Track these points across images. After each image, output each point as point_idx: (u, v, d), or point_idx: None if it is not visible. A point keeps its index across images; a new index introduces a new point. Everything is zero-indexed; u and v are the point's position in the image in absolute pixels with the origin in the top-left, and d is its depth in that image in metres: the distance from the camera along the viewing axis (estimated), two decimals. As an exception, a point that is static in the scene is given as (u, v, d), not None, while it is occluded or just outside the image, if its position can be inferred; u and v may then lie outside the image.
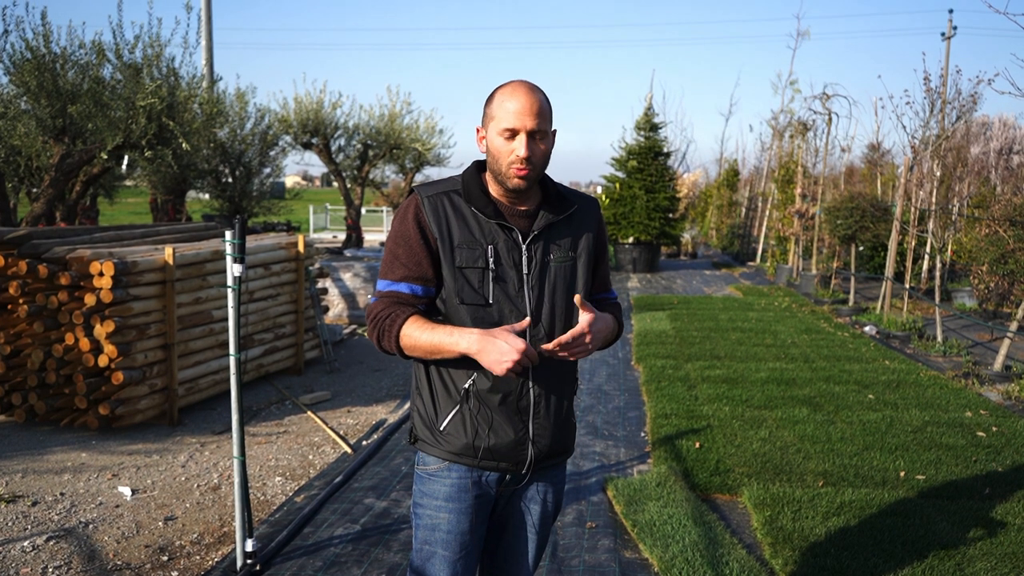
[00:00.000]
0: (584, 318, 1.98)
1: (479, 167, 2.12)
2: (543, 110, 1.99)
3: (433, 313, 2.07)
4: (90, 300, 5.47)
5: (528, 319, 1.95)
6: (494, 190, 2.08)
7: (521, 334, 1.97)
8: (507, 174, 2.01)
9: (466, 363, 2.00)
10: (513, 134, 1.98)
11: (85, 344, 5.51)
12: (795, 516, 4.13)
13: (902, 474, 4.80)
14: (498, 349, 1.87)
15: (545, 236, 2.08)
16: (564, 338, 1.94)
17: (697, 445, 5.33)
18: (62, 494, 4.57)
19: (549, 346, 1.95)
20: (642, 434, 5.79)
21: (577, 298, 1.99)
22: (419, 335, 1.96)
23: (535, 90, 2.01)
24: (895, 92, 41.74)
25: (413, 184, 2.91)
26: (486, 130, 2.04)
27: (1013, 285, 7.97)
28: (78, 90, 8.59)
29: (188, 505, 4.47)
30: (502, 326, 1.94)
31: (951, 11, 30.63)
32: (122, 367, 5.52)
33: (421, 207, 2.05)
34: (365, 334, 9.71)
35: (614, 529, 4.10)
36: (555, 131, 2.09)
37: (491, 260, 2.02)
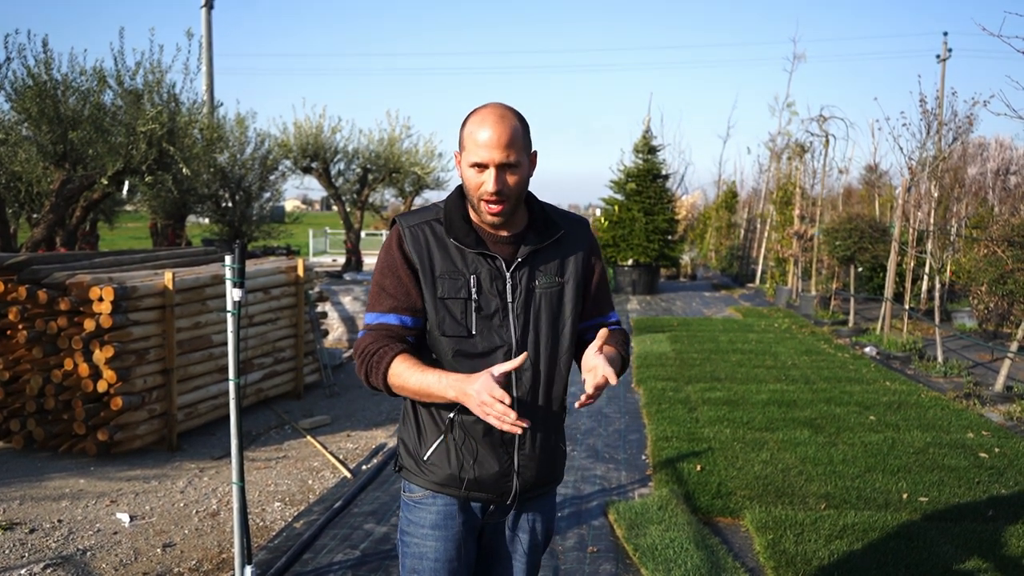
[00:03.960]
0: (597, 364, 1.86)
1: (462, 192, 2.05)
2: (514, 139, 1.90)
3: (424, 345, 2.03)
4: (89, 325, 5.46)
5: (523, 356, 1.83)
6: (476, 217, 2.02)
7: (510, 373, 1.90)
8: (480, 208, 1.96)
9: None
10: (482, 168, 1.92)
11: (84, 369, 5.50)
12: (798, 539, 4.10)
13: (905, 496, 4.78)
14: (470, 398, 1.79)
15: (530, 262, 2.02)
16: (592, 396, 1.86)
17: (698, 468, 5.30)
18: (60, 521, 4.54)
19: (582, 403, 1.86)
20: (643, 457, 5.76)
21: (603, 332, 1.91)
22: (408, 376, 1.90)
23: (505, 117, 1.92)
24: (891, 114, 42.04)
25: (414, 206, 2.89)
26: (460, 159, 1.99)
27: (1012, 305, 7.97)
28: (79, 116, 8.63)
29: (187, 531, 4.44)
30: (491, 367, 1.84)
31: (945, 34, 30.79)
32: (121, 392, 5.51)
33: (403, 237, 2.00)
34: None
35: (616, 553, 4.08)
36: (535, 152, 2.03)
37: (473, 290, 1.97)
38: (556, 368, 2.05)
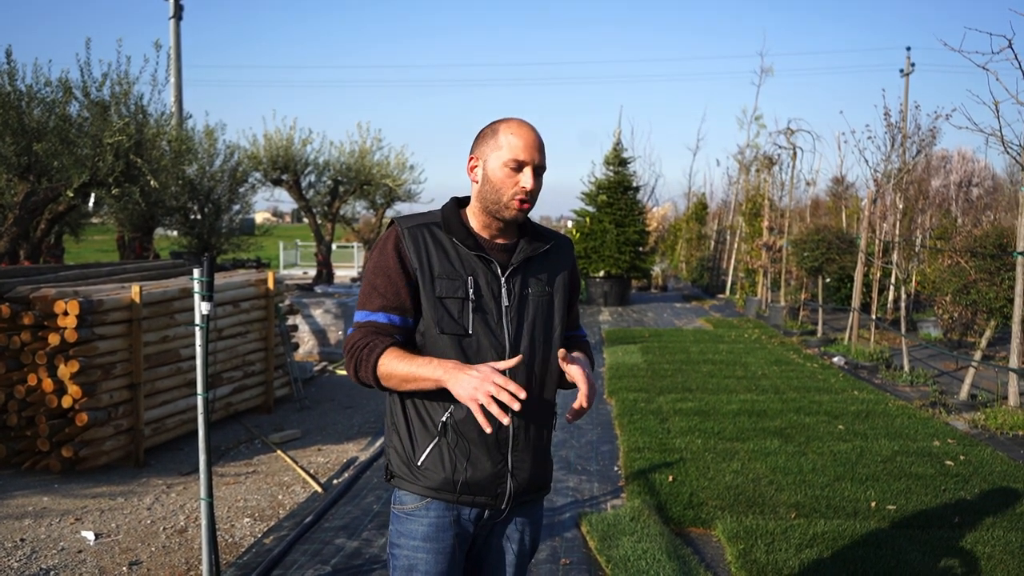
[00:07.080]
0: (576, 374, 2.03)
1: (458, 203, 2.14)
2: (544, 148, 2.07)
3: (411, 346, 2.06)
4: (54, 340, 5.37)
5: (519, 357, 1.94)
6: (474, 224, 2.10)
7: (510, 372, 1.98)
8: (508, 205, 2.04)
9: (443, 395, 1.98)
10: (520, 166, 2.02)
11: (48, 385, 5.40)
12: (768, 549, 4.13)
13: (873, 504, 4.83)
14: (468, 376, 1.85)
15: (523, 270, 2.10)
16: (585, 404, 2.02)
17: (670, 478, 5.32)
18: (22, 540, 4.45)
19: (578, 406, 2.03)
20: (615, 468, 5.77)
21: (561, 352, 2.01)
22: (396, 364, 1.94)
23: (534, 128, 2.09)
24: (857, 127, 42.75)
25: (385, 218, 2.92)
26: (484, 160, 2.06)
27: (976, 315, 8.12)
28: (44, 128, 8.52)
29: (154, 549, 4.37)
30: (486, 362, 1.93)
31: (908, 48, 31.51)
32: (87, 408, 5.42)
33: (401, 238, 2.06)
34: (338, 370, 9.64)
35: (588, 565, 4.07)
36: None
37: (471, 291, 2.03)
38: (548, 371, 2.11)
